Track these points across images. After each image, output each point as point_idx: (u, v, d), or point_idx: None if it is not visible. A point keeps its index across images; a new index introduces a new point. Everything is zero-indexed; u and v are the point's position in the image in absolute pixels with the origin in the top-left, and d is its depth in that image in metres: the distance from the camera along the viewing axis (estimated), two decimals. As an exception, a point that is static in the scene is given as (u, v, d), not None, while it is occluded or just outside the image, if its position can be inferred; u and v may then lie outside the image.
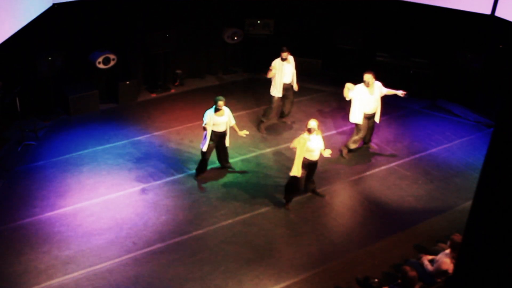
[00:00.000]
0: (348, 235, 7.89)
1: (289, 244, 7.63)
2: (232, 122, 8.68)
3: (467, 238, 3.43)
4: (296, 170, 7.88)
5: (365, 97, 9.13)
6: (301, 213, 8.24)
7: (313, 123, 7.89)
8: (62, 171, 8.89)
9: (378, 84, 9.22)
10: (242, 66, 13.11)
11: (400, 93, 9.23)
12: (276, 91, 10.06)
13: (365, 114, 9.26)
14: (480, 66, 11.12)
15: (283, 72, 9.94)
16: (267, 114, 10.34)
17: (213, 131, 8.43)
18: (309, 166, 8.11)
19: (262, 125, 10.37)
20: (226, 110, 8.50)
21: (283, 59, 9.90)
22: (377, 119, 9.46)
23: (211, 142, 8.50)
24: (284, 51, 9.88)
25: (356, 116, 9.28)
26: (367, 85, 9.11)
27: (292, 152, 9.71)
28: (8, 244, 7.29)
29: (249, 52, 12.86)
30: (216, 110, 8.36)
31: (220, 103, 8.33)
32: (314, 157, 8.04)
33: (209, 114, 8.36)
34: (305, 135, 7.88)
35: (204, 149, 8.46)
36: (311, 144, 7.89)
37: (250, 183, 8.85)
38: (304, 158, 7.92)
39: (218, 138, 8.59)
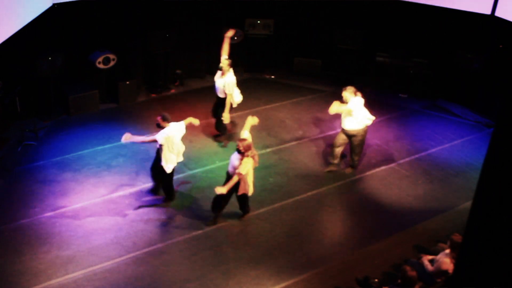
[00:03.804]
0: (348, 235, 7.89)
1: (289, 244, 7.62)
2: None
3: (467, 238, 3.42)
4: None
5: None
6: (300, 213, 8.24)
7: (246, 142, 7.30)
8: (62, 171, 8.89)
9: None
10: (242, 66, 13.11)
11: None
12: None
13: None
14: (480, 66, 11.11)
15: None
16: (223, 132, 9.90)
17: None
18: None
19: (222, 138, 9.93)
20: (180, 125, 7.87)
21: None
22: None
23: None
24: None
25: None
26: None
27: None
28: (8, 244, 7.29)
29: (249, 52, 12.86)
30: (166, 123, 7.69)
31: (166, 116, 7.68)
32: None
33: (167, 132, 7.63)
34: (247, 158, 7.29)
35: (169, 170, 7.86)
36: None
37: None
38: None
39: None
